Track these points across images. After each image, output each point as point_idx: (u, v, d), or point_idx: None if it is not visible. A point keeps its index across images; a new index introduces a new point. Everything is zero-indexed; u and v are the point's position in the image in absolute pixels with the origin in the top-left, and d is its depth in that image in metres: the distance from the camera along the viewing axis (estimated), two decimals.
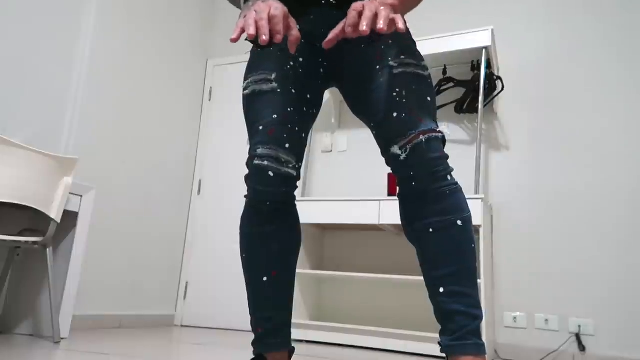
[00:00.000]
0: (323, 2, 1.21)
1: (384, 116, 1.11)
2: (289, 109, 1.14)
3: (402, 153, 1.06)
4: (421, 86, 1.13)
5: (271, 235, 1.16)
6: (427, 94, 1.13)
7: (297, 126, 1.15)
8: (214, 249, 3.66)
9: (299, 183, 3.46)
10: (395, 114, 1.09)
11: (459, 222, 1.05)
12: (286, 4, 1.22)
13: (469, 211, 1.08)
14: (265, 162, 1.09)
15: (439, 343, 1.05)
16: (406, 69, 1.13)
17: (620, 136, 2.82)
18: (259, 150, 1.10)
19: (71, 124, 2.86)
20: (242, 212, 1.21)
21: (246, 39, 1.24)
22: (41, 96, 2.72)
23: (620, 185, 2.76)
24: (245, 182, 1.15)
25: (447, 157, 1.08)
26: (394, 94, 1.11)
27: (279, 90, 1.15)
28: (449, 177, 1.07)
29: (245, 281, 1.20)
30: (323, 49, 1.23)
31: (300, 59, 1.19)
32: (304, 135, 1.17)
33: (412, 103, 1.10)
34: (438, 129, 1.09)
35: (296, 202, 2.98)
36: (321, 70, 1.24)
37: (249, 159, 1.13)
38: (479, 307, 1.03)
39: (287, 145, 1.11)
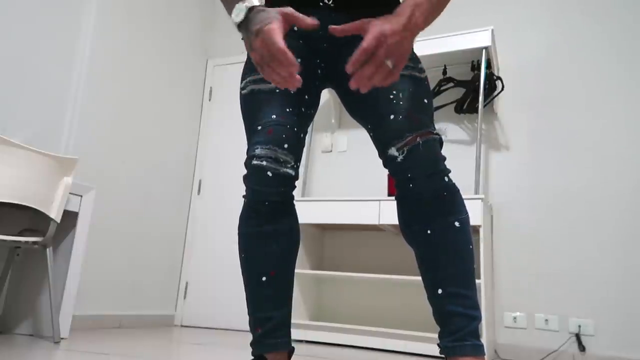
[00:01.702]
0: (321, 4, 1.21)
1: (381, 118, 1.11)
2: (287, 109, 1.14)
3: (399, 155, 1.06)
4: (418, 89, 1.13)
5: (270, 235, 1.16)
6: (424, 96, 1.13)
7: (295, 126, 1.15)
8: (214, 249, 3.66)
9: (298, 183, 3.46)
10: (392, 116, 1.09)
11: (457, 224, 1.05)
12: (284, 5, 1.22)
13: (467, 212, 1.08)
14: (264, 162, 1.09)
15: (438, 345, 1.05)
16: (403, 72, 1.13)
17: (620, 137, 2.82)
18: (258, 150, 1.11)
19: (71, 124, 2.86)
20: (240, 213, 1.21)
21: (242, 38, 1.25)
22: (41, 96, 2.72)
23: (620, 185, 2.76)
24: (244, 182, 1.14)
25: (444, 158, 1.08)
26: (391, 96, 1.11)
27: (277, 91, 1.15)
28: (446, 179, 1.07)
29: (244, 281, 1.20)
30: (321, 50, 1.23)
31: (299, 60, 1.19)
32: (302, 135, 1.17)
33: (409, 105, 1.10)
34: (435, 131, 1.09)
35: (296, 202, 2.99)
36: (319, 72, 1.24)
37: (247, 159, 1.13)
38: (478, 308, 1.03)
39: (285, 146, 1.11)
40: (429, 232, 1.06)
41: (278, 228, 1.16)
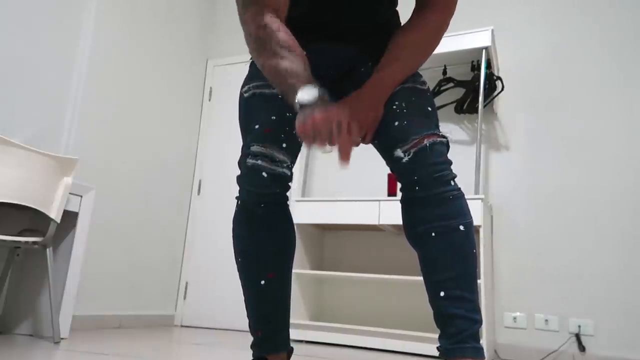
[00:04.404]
0: (324, 36, 1.21)
1: (385, 127, 1.11)
2: (288, 114, 1.14)
3: (405, 156, 1.06)
4: (420, 97, 1.14)
5: (266, 237, 1.15)
6: (427, 104, 1.14)
7: (294, 129, 1.14)
8: (214, 249, 3.66)
9: (299, 183, 3.46)
10: (396, 123, 1.10)
11: (461, 227, 1.05)
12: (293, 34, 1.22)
13: (471, 217, 1.08)
14: (259, 162, 1.09)
15: (437, 348, 1.05)
16: (404, 85, 1.15)
17: (619, 136, 2.82)
18: (253, 148, 1.10)
19: (71, 124, 2.86)
20: (234, 214, 1.20)
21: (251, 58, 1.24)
22: (41, 96, 2.72)
23: (619, 185, 2.76)
24: (238, 183, 1.13)
25: (450, 162, 1.08)
26: (394, 106, 1.12)
27: (280, 96, 1.15)
28: (452, 182, 1.07)
29: (242, 284, 1.19)
30: (326, 74, 1.22)
31: None
32: (300, 139, 1.17)
33: (412, 112, 1.10)
34: (441, 134, 1.09)
35: (296, 202, 2.99)
36: None
37: (241, 156, 1.12)
38: (479, 312, 1.03)
39: (284, 145, 1.11)
40: (433, 234, 1.05)
41: (274, 230, 1.16)
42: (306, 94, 0.94)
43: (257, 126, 1.12)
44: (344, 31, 1.20)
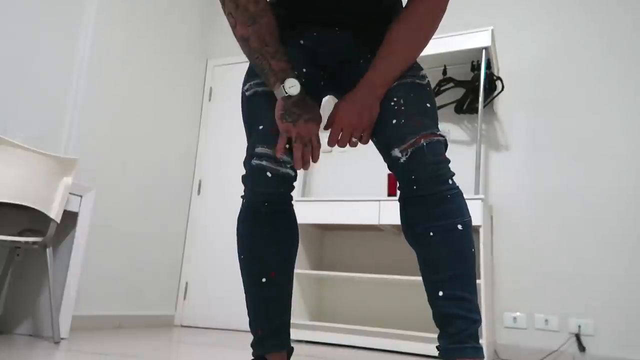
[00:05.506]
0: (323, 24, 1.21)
1: (383, 124, 1.11)
2: None
3: (402, 156, 1.06)
4: (420, 94, 1.13)
5: (270, 236, 1.16)
6: (426, 100, 1.13)
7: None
8: (214, 249, 3.66)
9: (298, 183, 3.46)
10: (394, 121, 1.09)
11: (460, 227, 1.05)
12: (290, 22, 1.21)
13: (470, 216, 1.08)
14: (264, 162, 1.09)
15: (437, 347, 1.05)
16: (403, 80, 1.13)
17: (620, 136, 2.82)
18: (258, 149, 1.10)
19: (71, 124, 2.86)
20: (238, 213, 1.20)
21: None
22: (41, 96, 2.72)
23: (619, 185, 2.76)
24: (243, 182, 1.15)
25: (448, 161, 1.07)
26: (392, 103, 1.11)
27: None
28: (450, 181, 1.06)
29: (244, 282, 1.20)
30: (326, 64, 1.23)
31: (304, 70, 1.19)
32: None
33: (411, 109, 1.10)
34: (439, 133, 1.09)
35: (296, 202, 2.99)
36: (322, 83, 1.25)
37: (246, 157, 1.12)
38: (478, 312, 1.03)
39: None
40: (431, 234, 1.05)
41: (277, 229, 1.17)
42: (290, 85, 1.07)
43: (261, 127, 1.13)
44: (344, 19, 1.19)
